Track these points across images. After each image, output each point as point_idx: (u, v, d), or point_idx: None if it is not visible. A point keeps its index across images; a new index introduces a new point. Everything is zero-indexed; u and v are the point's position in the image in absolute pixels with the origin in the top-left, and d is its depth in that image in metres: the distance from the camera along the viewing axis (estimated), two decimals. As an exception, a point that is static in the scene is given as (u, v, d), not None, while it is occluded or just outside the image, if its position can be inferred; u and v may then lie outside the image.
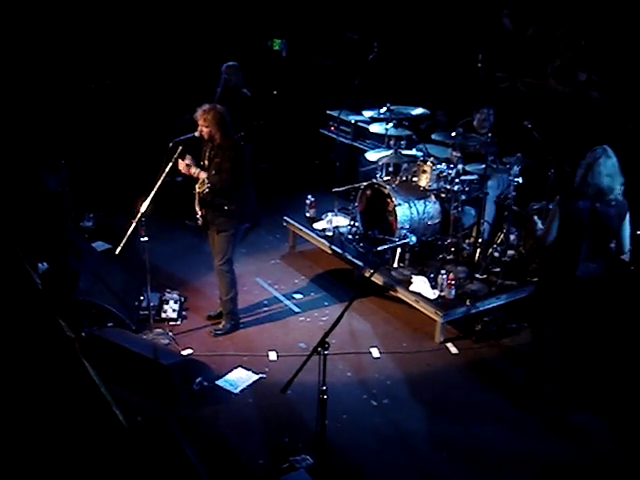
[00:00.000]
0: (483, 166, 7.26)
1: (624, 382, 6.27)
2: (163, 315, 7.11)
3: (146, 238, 6.37)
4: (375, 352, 6.79)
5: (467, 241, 7.78)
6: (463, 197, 7.53)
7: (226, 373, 6.36)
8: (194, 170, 6.46)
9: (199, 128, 6.43)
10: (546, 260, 6.05)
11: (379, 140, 8.69)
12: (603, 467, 5.45)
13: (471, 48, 8.49)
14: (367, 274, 7.28)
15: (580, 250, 5.53)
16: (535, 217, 5.99)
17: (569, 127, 8.20)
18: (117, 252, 6.25)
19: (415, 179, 7.74)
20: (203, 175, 6.43)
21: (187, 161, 6.45)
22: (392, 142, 8.05)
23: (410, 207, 7.46)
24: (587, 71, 8.31)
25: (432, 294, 7.06)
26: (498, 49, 8.98)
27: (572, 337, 5.88)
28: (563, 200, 5.62)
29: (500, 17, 9.07)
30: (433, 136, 7.82)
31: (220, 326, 6.96)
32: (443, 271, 7.12)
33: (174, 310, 7.17)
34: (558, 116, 8.35)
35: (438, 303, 6.98)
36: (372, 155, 8.12)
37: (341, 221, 8.30)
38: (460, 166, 7.53)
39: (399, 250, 7.48)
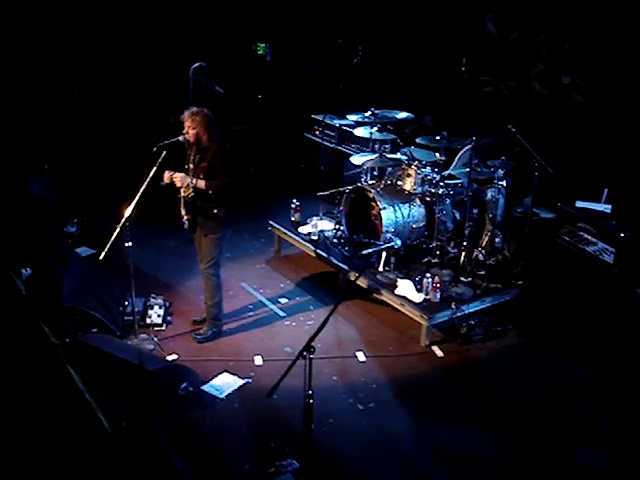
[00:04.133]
0: (467, 170, 7.30)
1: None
2: (148, 320, 7.07)
3: (130, 243, 6.35)
4: (361, 356, 6.78)
5: (452, 244, 7.81)
6: (448, 200, 7.56)
7: (212, 378, 6.33)
8: (188, 181, 6.43)
9: (185, 130, 6.41)
10: None
11: (364, 144, 8.70)
12: (589, 471, 5.48)
13: (455, 52, 8.53)
14: (352, 278, 7.28)
15: None
16: None
17: (553, 130, 8.25)
18: (101, 257, 6.20)
19: (400, 183, 7.75)
20: (201, 183, 6.40)
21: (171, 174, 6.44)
22: (377, 146, 8.07)
23: (395, 211, 7.47)
24: (571, 74, 8.36)
25: (417, 297, 7.07)
26: (482, 53, 9.02)
27: None
28: None
29: (484, 21, 9.11)
30: (418, 140, 7.83)
31: (201, 331, 6.93)
32: (428, 274, 7.13)
33: (159, 315, 7.13)
34: (542, 119, 8.40)
35: (423, 306, 6.99)
36: (357, 159, 8.13)
37: (326, 225, 8.30)
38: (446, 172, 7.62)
39: (384, 254, 7.49)
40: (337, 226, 8.09)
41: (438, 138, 7.51)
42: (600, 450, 5.64)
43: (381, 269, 7.52)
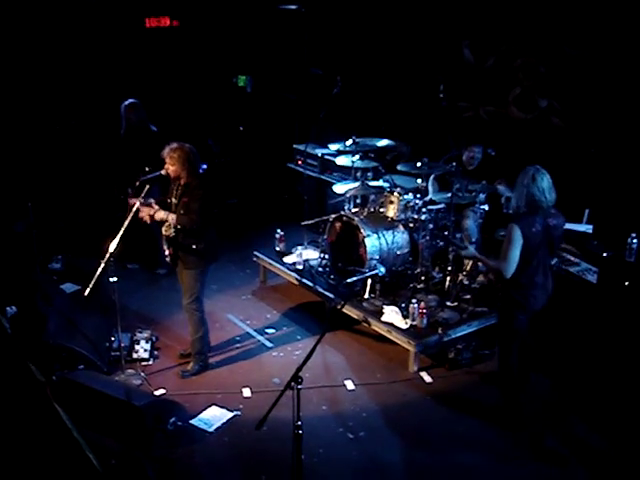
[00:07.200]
0: (449, 195, 7.36)
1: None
2: (135, 355, 7.04)
3: (115, 278, 6.33)
4: (349, 384, 6.77)
5: (436, 269, 7.83)
6: (431, 226, 7.60)
7: (200, 412, 6.30)
8: (162, 214, 6.44)
9: (166, 166, 6.43)
10: (506, 293, 5.92)
11: (346, 172, 8.74)
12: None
13: (433, 79, 8.62)
14: (338, 306, 7.26)
15: (537, 272, 5.65)
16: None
17: (533, 153, 8.32)
18: (86, 293, 6.18)
19: (383, 210, 7.80)
20: (171, 217, 6.40)
21: (150, 210, 6.45)
22: (359, 174, 8.11)
23: (379, 238, 7.50)
24: (548, 98, 8.46)
25: (404, 324, 7.08)
26: (460, 79, 9.12)
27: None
28: (519, 220, 5.56)
29: (461, 48, 9.22)
30: (399, 167, 7.88)
31: (188, 367, 6.90)
32: (414, 300, 7.15)
33: (145, 350, 7.11)
34: (521, 143, 8.48)
35: (410, 332, 7.00)
36: (339, 187, 8.17)
37: (311, 254, 8.32)
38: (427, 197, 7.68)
39: (369, 281, 7.50)
40: (322, 255, 8.11)
41: (419, 165, 7.56)
42: (591, 469, 5.64)
43: (367, 296, 7.54)
